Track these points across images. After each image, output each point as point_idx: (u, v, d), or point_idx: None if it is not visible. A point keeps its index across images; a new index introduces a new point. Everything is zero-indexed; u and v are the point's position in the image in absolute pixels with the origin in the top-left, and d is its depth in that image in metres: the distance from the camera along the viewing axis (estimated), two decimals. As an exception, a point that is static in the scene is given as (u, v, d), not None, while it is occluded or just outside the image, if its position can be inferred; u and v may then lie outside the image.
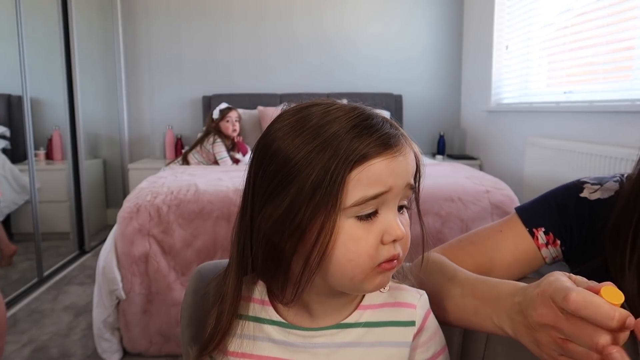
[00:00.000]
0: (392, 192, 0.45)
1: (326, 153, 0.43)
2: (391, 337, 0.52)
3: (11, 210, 2.74)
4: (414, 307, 0.53)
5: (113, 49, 3.50)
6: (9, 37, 2.37)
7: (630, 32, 1.97)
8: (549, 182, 2.33)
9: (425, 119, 3.72)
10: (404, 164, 0.46)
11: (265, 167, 0.47)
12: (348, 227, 0.44)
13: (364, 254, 0.44)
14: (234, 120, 2.94)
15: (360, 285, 0.46)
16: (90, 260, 2.82)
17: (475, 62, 3.46)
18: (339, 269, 0.45)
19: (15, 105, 2.71)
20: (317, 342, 0.51)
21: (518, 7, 2.90)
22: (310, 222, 0.44)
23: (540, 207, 0.71)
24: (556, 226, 0.68)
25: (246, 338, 0.53)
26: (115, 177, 3.65)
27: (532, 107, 2.69)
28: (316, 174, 0.43)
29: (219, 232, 1.70)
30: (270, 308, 0.53)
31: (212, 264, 0.69)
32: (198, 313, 0.65)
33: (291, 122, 0.47)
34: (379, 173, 0.44)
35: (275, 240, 0.47)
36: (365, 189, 0.44)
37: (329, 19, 3.62)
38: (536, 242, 0.69)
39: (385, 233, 0.45)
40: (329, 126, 0.45)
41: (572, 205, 0.68)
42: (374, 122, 0.46)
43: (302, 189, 0.44)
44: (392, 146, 0.45)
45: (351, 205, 0.44)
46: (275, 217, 0.46)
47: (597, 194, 0.67)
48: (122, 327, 1.70)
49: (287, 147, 0.45)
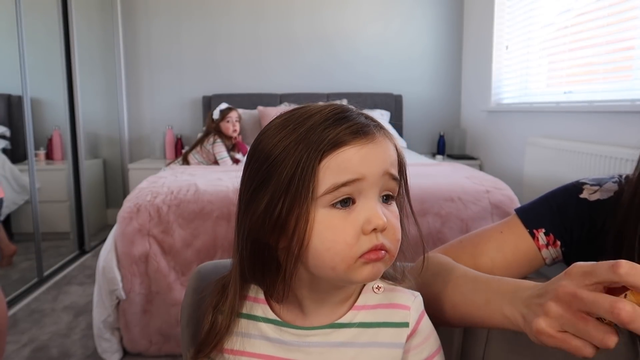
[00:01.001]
0: (367, 181, 0.45)
1: (300, 146, 0.45)
2: (384, 338, 0.52)
3: (11, 210, 2.73)
4: (408, 308, 0.53)
5: (113, 49, 3.50)
6: (9, 37, 2.37)
7: (630, 32, 1.97)
8: (549, 182, 2.33)
9: (425, 119, 3.72)
10: (378, 152, 0.46)
11: (251, 167, 0.49)
12: (324, 217, 0.45)
13: (342, 242, 0.44)
14: (234, 121, 2.94)
15: (346, 276, 0.46)
16: (90, 260, 2.82)
17: (475, 62, 3.46)
18: (319, 258, 0.46)
19: (15, 105, 2.71)
20: (311, 341, 0.51)
21: (518, 7, 2.90)
22: (288, 215, 0.45)
23: (541, 208, 0.71)
24: (557, 227, 0.68)
25: (240, 335, 0.53)
26: (115, 177, 3.65)
27: (532, 107, 2.69)
28: (290, 166, 0.44)
29: (219, 232, 1.70)
30: (265, 306, 0.54)
31: (212, 264, 0.69)
32: (198, 313, 0.65)
33: (277, 123, 0.49)
34: (349, 160, 0.44)
35: (259, 237, 0.48)
36: (336, 176, 0.44)
37: (329, 19, 3.62)
38: (537, 243, 0.69)
39: (365, 222, 0.45)
40: (306, 122, 0.46)
41: (572, 207, 0.68)
42: (347, 114, 0.47)
43: (279, 183, 0.45)
44: (362, 135, 0.45)
45: (323, 194, 0.44)
46: (258, 213, 0.47)
47: (597, 195, 0.67)
48: (122, 327, 1.70)
49: (269, 144, 0.47)
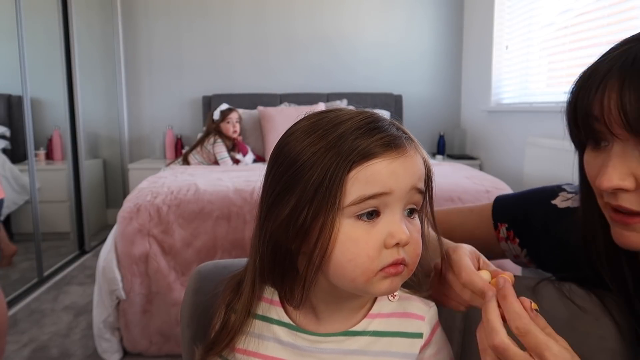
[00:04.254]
0: (394, 195, 0.44)
1: (329, 154, 0.44)
2: (398, 347, 0.51)
3: (11, 210, 2.73)
4: (423, 319, 0.53)
5: (113, 49, 3.50)
6: (9, 37, 2.36)
7: (630, 32, 1.94)
8: (549, 182, 2.29)
9: (425, 119, 3.72)
10: (408, 166, 0.45)
11: (275, 169, 0.48)
12: (348, 227, 0.44)
13: (363, 254, 0.44)
14: (234, 122, 2.95)
15: (364, 288, 0.46)
16: (90, 260, 2.82)
17: (475, 62, 3.46)
18: (340, 269, 0.45)
19: (15, 105, 2.71)
20: (324, 348, 0.51)
21: (518, 7, 2.90)
22: (313, 222, 0.44)
23: (513, 203, 0.72)
24: (519, 226, 0.69)
25: (253, 336, 0.53)
26: (115, 177, 3.65)
27: (532, 107, 2.69)
28: (318, 174, 0.44)
29: (219, 232, 1.70)
30: (280, 309, 0.54)
31: (212, 264, 0.69)
32: (198, 313, 0.65)
33: (305, 126, 0.48)
34: (378, 173, 0.44)
35: (281, 241, 0.47)
36: (364, 188, 0.44)
37: (329, 19, 3.62)
38: (497, 234, 0.72)
39: (388, 236, 0.44)
40: (336, 128, 0.45)
41: (541, 211, 0.68)
42: (379, 124, 0.46)
43: (305, 189, 0.44)
44: (394, 147, 0.45)
45: (349, 204, 0.44)
46: (281, 217, 0.46)
47: (567, 203, 0.66)
48: (122, 327, 1.70)
49: (296, 148, 0.46)
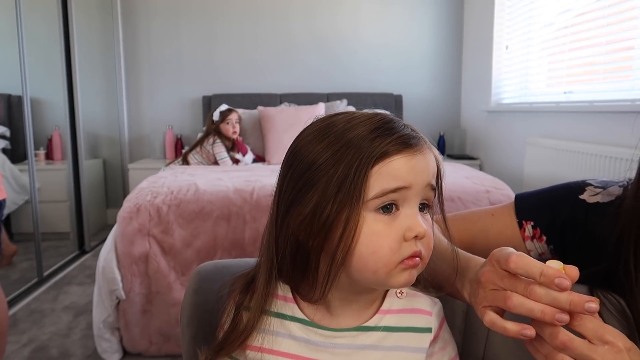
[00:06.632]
0: (413, 190, 0.48)
1: (350, 152, 0.47)
2: (409, 342, 0.54)
3: (11, 210, 2.73)
4: (430, 314, 0.55)
5: (113, 49, 3.50)
6: (9, 37, 2.37)
7: (630, 32, 1.97)
8: (549, 182, 2.31)
9: (425, 119, 3.71)
10: (423, 163, 0.48)
11: (293, 170, 0.50)
12: (370, 221, 0.47)
13: (386, 246, 0.47)
14: (234, 122, 2.95)
15: (385, 280, 0.48)
16: (90, 260, 2.82)
17: (475, 62, 3.46)
18: (363, 262, 0.47)
19: (15, 105, 2.71)
20: (338, 343, 0.53)
21: (518, 7, 2.90)
22: (336, 218, 0.47)
23: (537, 200, 0.70)
24: (546, 223, 0.68)
25: (267, 333, 0.54)
26: (115, 177, 3.65)
27: (532, 107, 2.69)
28: (341, 170, 0.46)
29: (219, 232, 1.70)
30: (294, 305, 0.55)
31: (212, 264, 0.69)
32: (198, 313, 0.65)
33: (318, 129, 0.51)
34: (399, 169, 0.47)
35: (302, 239, 0.49)
36: (386, 182, 0.46)
37: (328, 19, 3.62)
38: (522, 234, 0.69)
39: (407, 229, 0.47)
40: (353, 130, 0.48)
41: (568, 206, 0.67)
42: (394, 125, 0.49)
43: (328, 186, 0.47)
44: (411, 145, 0.48)
45: (373, 198, 0.46)
46: (303, 215, 0.48)
47: (597, 198, 0.65)
48: (122, 327, 1.70)
49: (314, 149, 0.49)
